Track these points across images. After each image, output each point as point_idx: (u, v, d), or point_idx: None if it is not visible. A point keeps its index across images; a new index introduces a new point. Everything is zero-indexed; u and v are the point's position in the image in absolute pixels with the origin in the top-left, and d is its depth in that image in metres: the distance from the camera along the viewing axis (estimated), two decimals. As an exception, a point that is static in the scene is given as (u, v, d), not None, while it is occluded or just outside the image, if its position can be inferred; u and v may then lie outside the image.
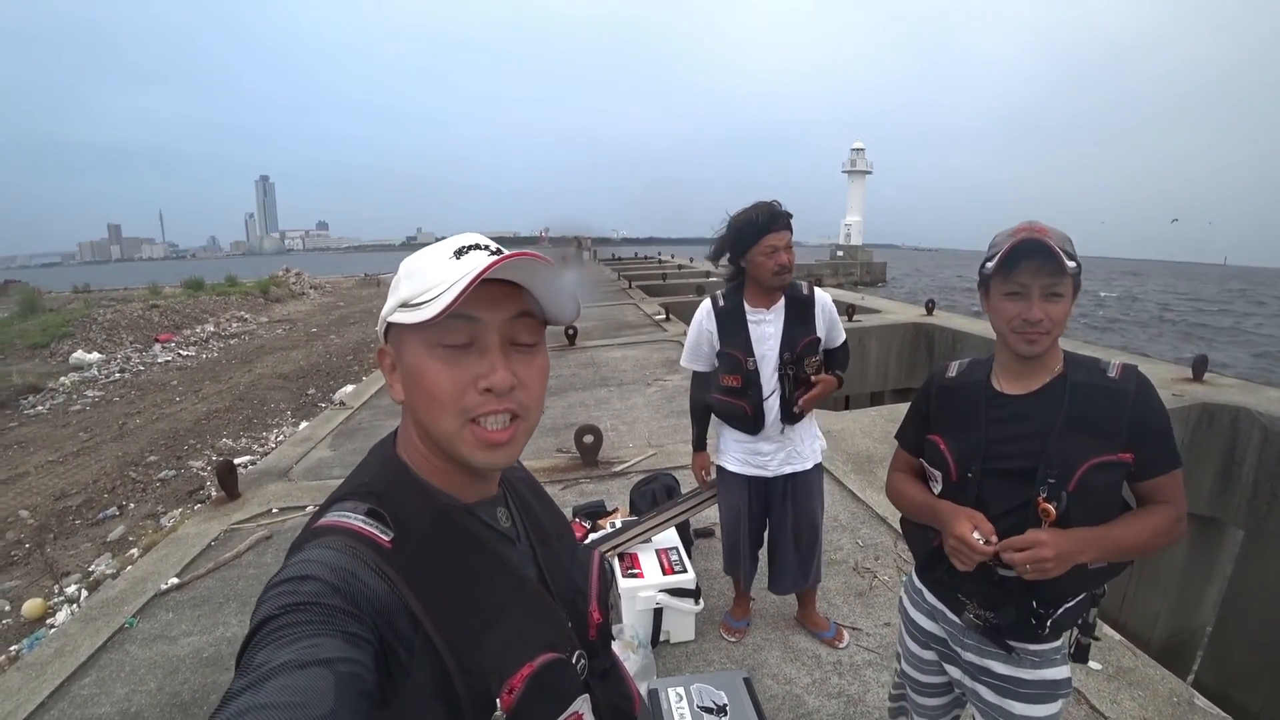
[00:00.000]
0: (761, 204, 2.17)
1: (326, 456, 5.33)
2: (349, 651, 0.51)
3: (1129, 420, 1.18)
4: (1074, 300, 1.22)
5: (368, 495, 0.66)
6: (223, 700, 0.46)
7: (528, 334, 0.68)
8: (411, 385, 0.66)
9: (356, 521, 0.62)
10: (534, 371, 0.69)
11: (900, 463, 1.53)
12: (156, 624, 3.03)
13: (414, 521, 0.65)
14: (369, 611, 0.56)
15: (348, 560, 0.58)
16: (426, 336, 0.64)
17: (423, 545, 0.64)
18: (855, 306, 11.27)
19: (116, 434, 8.65)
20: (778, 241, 2.13)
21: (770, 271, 2.16)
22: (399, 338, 0.67)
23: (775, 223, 2.13)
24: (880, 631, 2.70)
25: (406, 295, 0.64)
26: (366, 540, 0.61)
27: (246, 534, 3.86)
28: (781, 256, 2.14)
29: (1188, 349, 17.89)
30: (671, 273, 23.06)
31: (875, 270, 52.39)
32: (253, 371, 12.35)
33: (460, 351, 0.64)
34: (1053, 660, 1.31)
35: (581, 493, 4.18)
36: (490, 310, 0.64)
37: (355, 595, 0.55)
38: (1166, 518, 1.18)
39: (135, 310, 16.80)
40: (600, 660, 0.80)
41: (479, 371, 0.64)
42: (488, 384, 0.64)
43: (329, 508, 0.66)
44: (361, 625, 0.54)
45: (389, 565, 0.60)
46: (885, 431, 5.14)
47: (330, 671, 0.48)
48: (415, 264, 0.67)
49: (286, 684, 0.46)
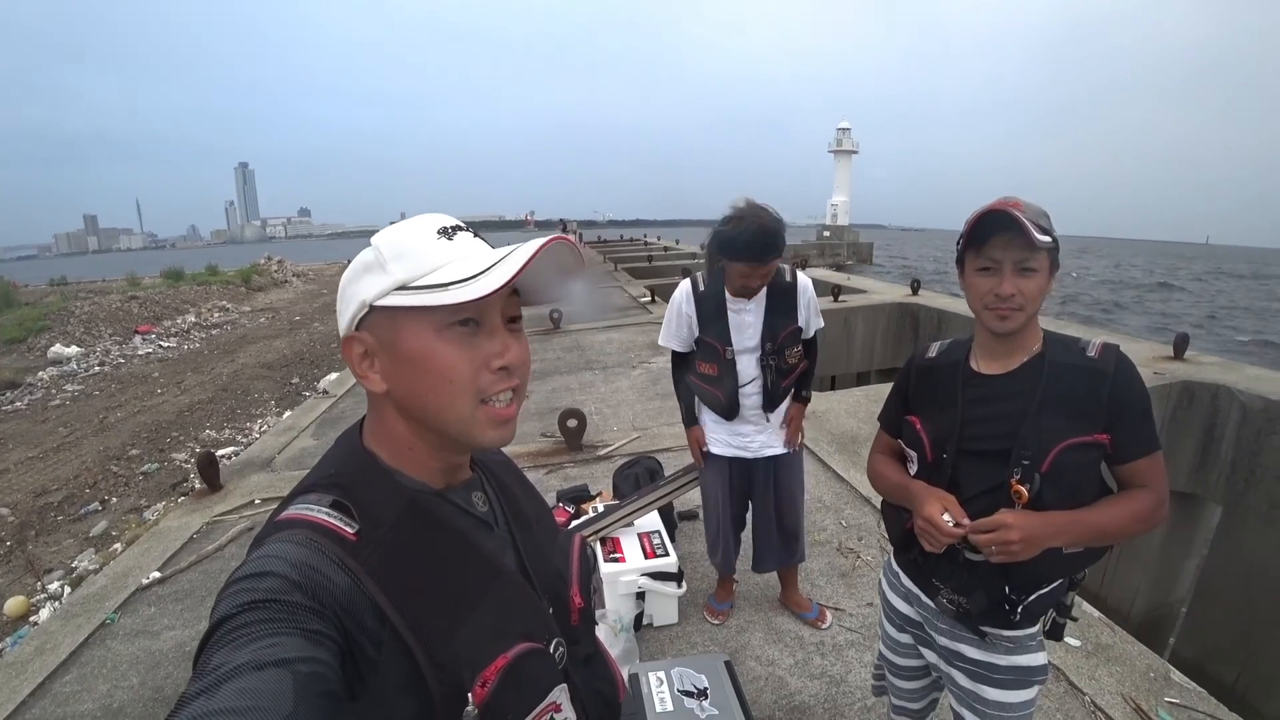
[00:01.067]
0: (752, 226, 1.99)
1: (310, 446, 5.29)
2: (310, 650, 0.49)
3: (1108, 401, 1.15)
4: (1052, 277, 1.20)
5: (332, 487, 0.64)
6: (177, 704, 0.44)
7: (516, 310, 0.68)
8: (414, 371, 0.63)
9: (320, 514, 0.61)
10: (525, 347, 0.69)
11: (880, 444, 1.52)
12: (138, 619, 3.00)
13: (381, 512, 0.63)
14: (332, 607, 0.54)
15: (309, 554, 0.56)
16: (437, 319, 0.62)
17: (390, 536, 0.62)
18: (841, 287, 11.28)
19: (97, 428, 8.54)
20: (749, 272, 2.05)
21: (736, 288, 2.15)
22: (389, 323, 0.63)
23: (749, 257, 2.01)
24: (863, 612, 2.72)
25: (405, 277, 0.62)
26: (330, 533, 0.59)
27: (229, 526, 3.83)
28: (751, 282, 2.09)
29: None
30: (658, 254, 22.98)
31: (862, 250, 52.43)
32: (235, 361, 12.20)
33: (470, 332, 0.63)
34: (1027, 646, 1.30)
35: (565, 477, 4.17)
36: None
37: (317, 591, 0.54)
38: (1145, 503, 1.16)
39: (114, 302, 16.52)
40: (583, 646, 0.79)
41: (491, 351, 0.64)
42: (503, 362, 0.64)
43: (292, 500, 0.64)
44: (324, 622, 0.52)
45: (353, 559, 0.58)
46: (870, 412, 5.16)
47: (290, 672, 0.47)
48: (402, 244, 0.64)
49: (244, 687, 0.44)
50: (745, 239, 1.99)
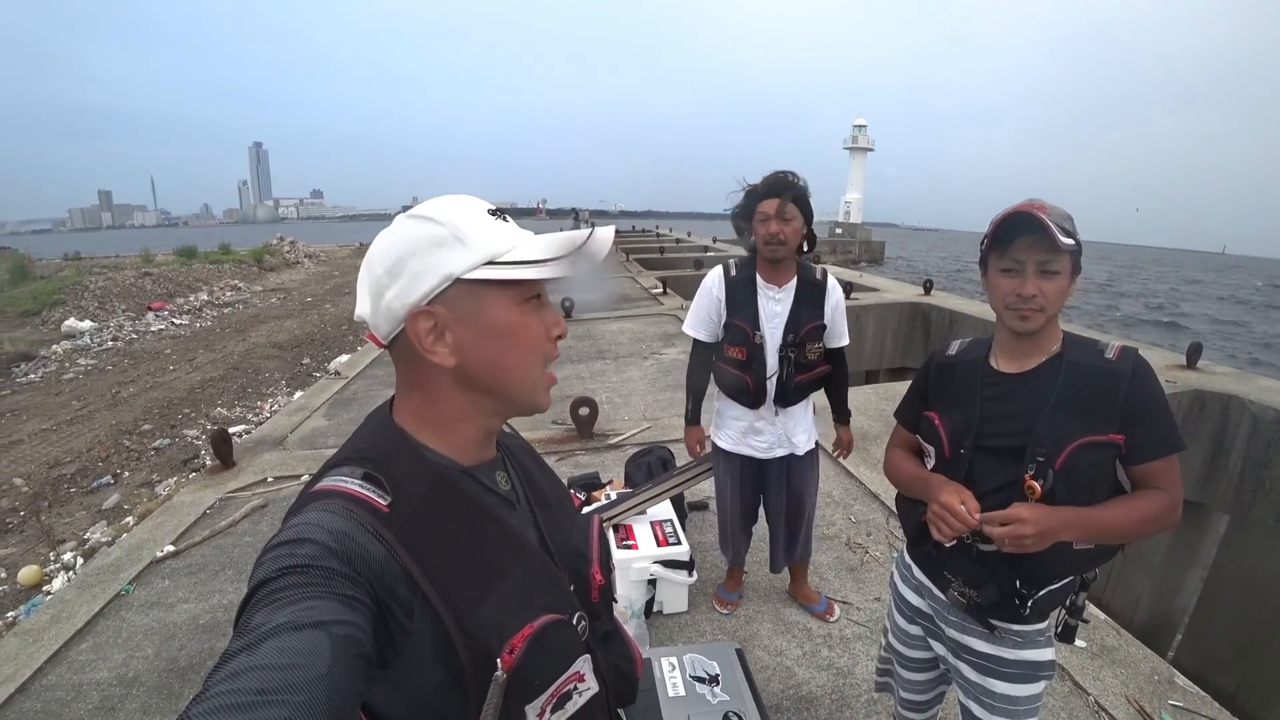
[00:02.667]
0: (773, 173, 2.13)
1: (321, 426, 5.33)
2: (345, 614, 0.51)
3: (1123, 402, 1.16)
4: (1073, 281, 1.21)
5: (364, 460, 0.66)
6: (219, 661, 0.46)
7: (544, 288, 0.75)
8: (500, 342, 0.68)
9: (353, 486, 0.62)
10: None
11: (898, 439, 1.54)
12: (153, 591, 3.05)
13: (411, 485, 0.65)
14: (366, 574, 0.56)
15: (345, 523, 0.58)
16: (518, 291, 0.68)
17: (420, 508, 0.64)
18: (853, 285, 11.24)
19: (110, 402, 8.63)
20: (767, 209, 2.08)
21: (761, 240, 2.13)
22: (471, 295, 0.66)
23: (768, 190, 2.09)
24: (870, 606, 2.74)
25: (494, 252, 0.65)
26: (363, 504, 0.61)
27: (242, 502, 3.87)
28: (771, 225, 2.08)
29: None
30: (670, 246, 22.93)
31: (874, 249, 52.10)
32: (247, 340, 12.29)
33: (536, 305, 0.71)
34: (1036, 641, 1.32)
35: (576, 464, 4.20)
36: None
37: (352, 558, 0.56)
38: (1157, 504, 1.17)
39: (127, 278, 16.66)
40: (602, 623, 0.81)
41: (551, 320, 0.73)
42: (559, 331, 0.73)
43: (325, 473, 0.66)
44: (358, 588, 0.54)
45: (387, 529, 0.60)
46: (880, 409, 5.16)
47: (326, 634, 0.48)
48: (474, 222, 0.66)
49: (283, 645, 0.46)
50: (766, 179, 2.13)
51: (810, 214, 2.12)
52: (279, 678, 0.44)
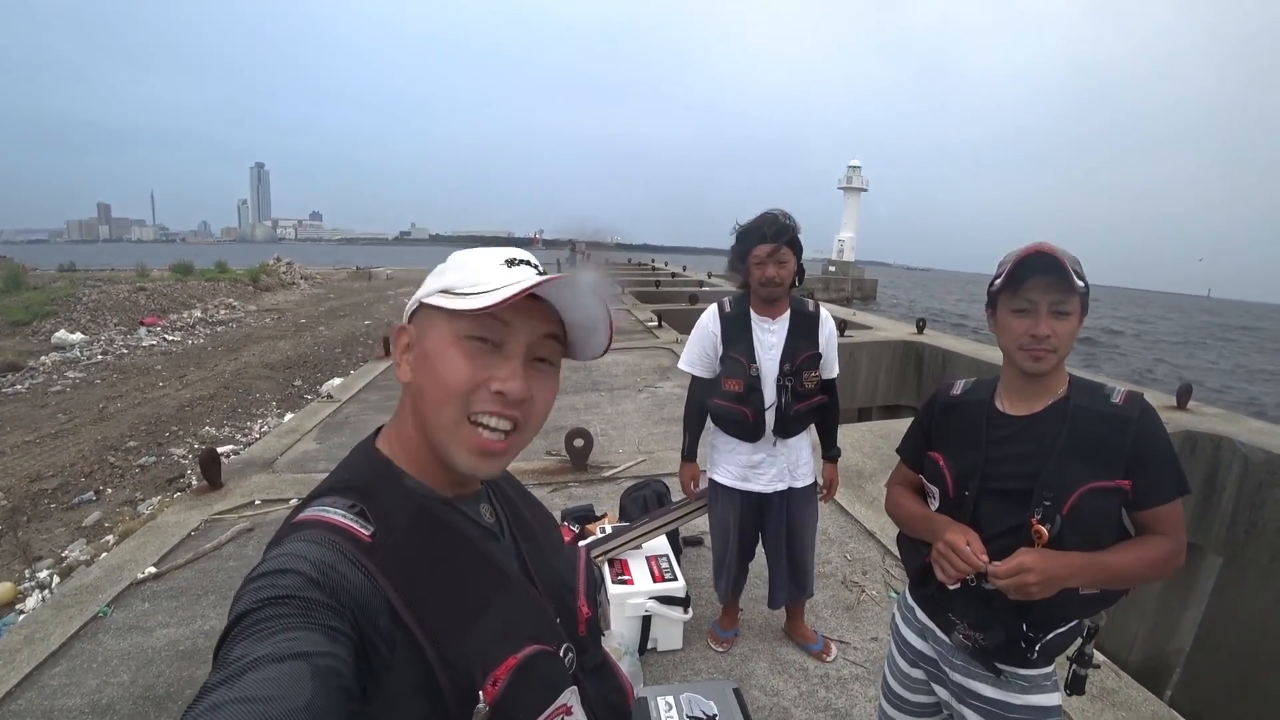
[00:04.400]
0: (765, 214, 2.18)
1: (312, 449, 5.27)
2: (327, 645, 0.51)
3: (1130, 447, 1.17)
4: (1081, 321, 1.22)
5: (348, 490, 0.66)
6: (199, 693, 0.45)
7: (549, 353, 0.70)
8: (425, 367, 0.66)
9: (336, 515, 0.62)
10: (546, 390, 0.71)
11: (899, 477, 1.53)
12: (132, 614, 2.97)
13: (395, 516, 0.65)
14: (349, 605, 0.55)
15: (327, 554, 0.58)
16: (460, 326, 0.65)
17: (403, 539, 0.63)
18: (847, 322, 11.32)
19: (96, 417, 8.52)
20: (761, 253, 2.15)
21: (758, 282, 2.19)
22: (427, 321, 0.68)
23: (764, 236, 2.14)
24: (867, 646, 2.70)
25: (452, 283, 0.66)
26: (346, 534, 0.61)
27: (228, 525, 3.80)
28: (768, 270, 2.15)
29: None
30: (665, 280, 23.09)
31: (866, 287, 52.60)
32: (239, 360, 12.21)
33: (486, 349, 0.65)
34: (1042, 686, 1.30)
35: (570, 496, 4.15)
36: (525, 320, 0.66)
37: (334, 588, 0.55)
38: (1161, 550, 1.17)
39: (122, 292, 16.58)
40: (590, 655, 0.80)
41: (497, 373, 0.65)
42: (501, 388, 0.65)
43: (309, 503, 0.66)
44: (340, 619, 0.54)
45: (369, 559, 0.60)
46: (874, 446, 5.15)
47: (308, 664, 0.48)
48: (467, 259, 0.69)
49: (264, 677, 0.46)
50: (758, 222, 2.17)
51: (801, 251, 2.20)
52: (260, 710, 0.43)
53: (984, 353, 9.02)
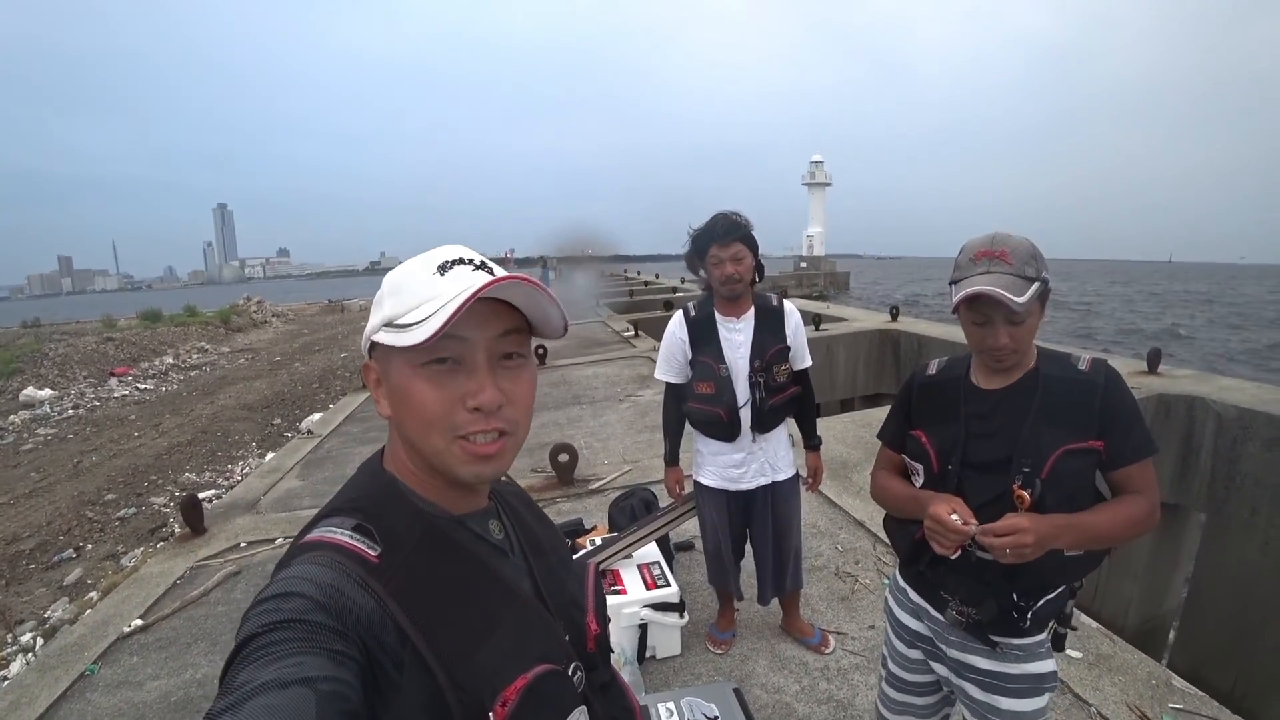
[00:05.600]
0: (716, 216, 2.21)
1: (295, 487, 5.19)
2: (333, 670, 0.50)
3: (1099, 410, 1.21)
4: (1044, 308, 1.26)
5: (354, 511, 0.65)
6: None
7: (515, 347, 0.68)
8: (399, 403, 0.66)
9: (343, 537, 0.62)
10: (521, 386, 0.69)
11: (883, 460, 1.55)
12: (120, 669, 2.90)
13: (402, 536, 0.64)
14: (355, 628, 0.55)
15: (333, 576, 0.57)
16: (412, 355, 0.63)
17: (411, 559, 0.63)
18: (822, 316, 11.41)
19: (71, 472, 8.31)
20: (721, 253, 2.17)
21: (719, 281, 2.21)
22: (385, 355, 0.66)
23: (717, 236, 2.17)
24: (865, 635, 2.71)
25: (390, 314, 0.64)
26: (353, 555, 0.60)
27: (214, 570, 3.73)
28: (726, 268, 2.17)
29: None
30: (639, 289, 23.08)
31: (839, 279, 53.19)
32: (215, 403, 11.99)
33: (447, 370, 0.64)
34: (1036, 654, 1.33)
35: (559, 512, 4.13)
36: (478, 329, 0.64)
37: (341, 611, 0.55)
38: (1138, 507, 1.21)
39: (89, 344, 16.23)
40: (600, 673, 0.79)
41: (467, 390, 0.64)
42: (475, 403, 0.64)
43: (316, 524, 0.66)
44: (347, 642, 0.53)
45: (376, 580, 0.59)
46: (858, 437, 5.20)
47: (312, 691, 0.48)
48: (398, 279, 0.66)
49: (268, 704, 0.45)
50: (710, 223, 2.21)
51: (756, 248, 2.23)
52: None
53: (958, 334, 9.14)
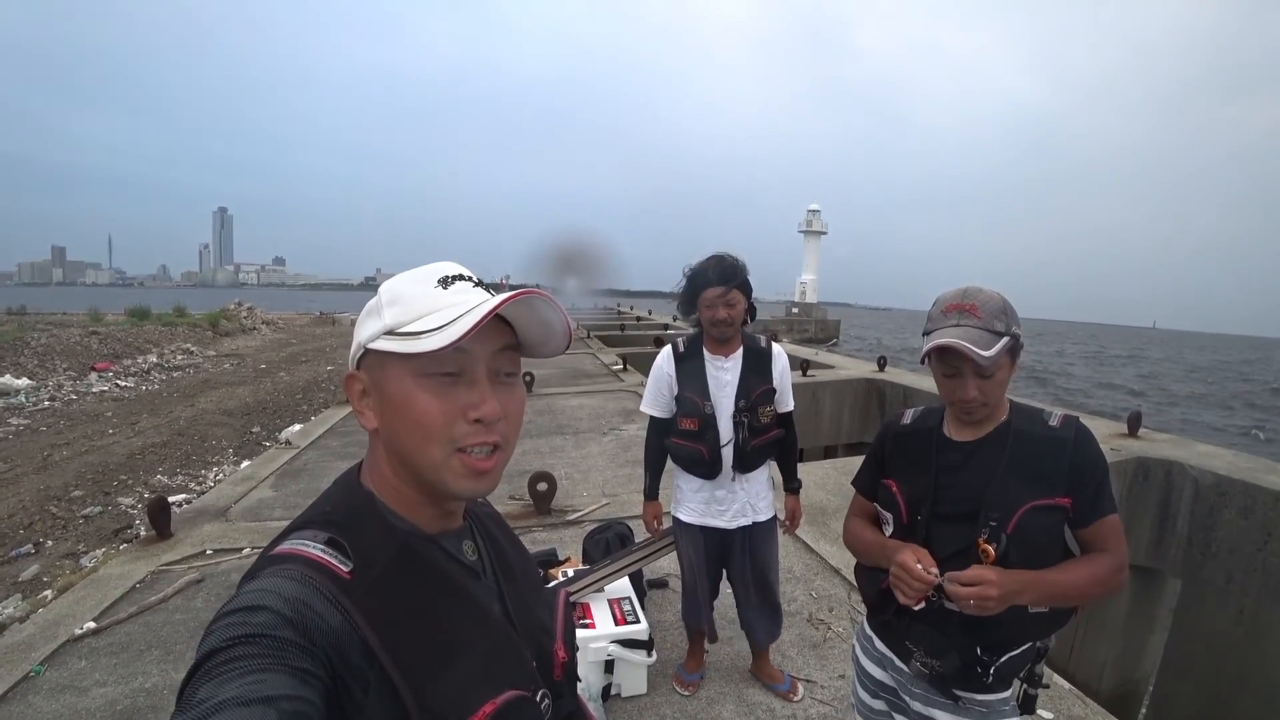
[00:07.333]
0: (710, 258, 2.22)
1: (268, 497, 5.10)
2: (296, 689, 0.49)
3: (1068, 467, 1.22)
4: (1015, 362, 1.27)
5: (328, 524, 0.64)
6: None
7: (510, 365, 0.69)
8: (394, 414, 0.65)
9: (315, 550, 0.61)
10: (515, 403, 0.70)
11: (856, 507, 1.56)
12: (66, 672, 2.79)
13: (375, 552, 0.63)
14: (322, 645, 0.54)
15: (303, 591, 0.56)
16: (416, 366, 0.63)
17: (383, 577, 0.62)
18: (810, 362, 11.49)
19: (40, 465, 8.13)
20: (713, 296, 2.18)
21: (709, 323, 2.23)
22: (378, 365, 0.66)
23: (711, 279, 2.18)
24: (835, 684, 2.67)
25: (394, 322, 0.64)
26: (324, 570, 0.59)
27: (176, 576, 3.63)
28: (719, 312, 2.18)
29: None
30: (630, 324, 23.19)
31: (830, 327, 53.62)
32: (195, 406, 11.82)
33: (450, 382, 0.64)
34: (1001, 712, 1.31)
35: (534, 540, 4.07)
36: (480, 343, 0.65)
37: (308, 628, 0.54)
38: (1105, 566, 1.21)
39: (73, 336, 16.03)
40: (565, 701, 0.78)
41: (469, 402, 0.64)
42: (478, 415, 0.64)
43: (287, 535, 0.64)
44: (313, 660, 0.52)
45: (346, 597, 0.58)
46: (839, 484, 5.19)
47: (275, 710, 0.46)
48: (399, 290, 0.67)
49: None
50: (706, 265, 2.21)
51: (750, 292, 2.24)
52: None
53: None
